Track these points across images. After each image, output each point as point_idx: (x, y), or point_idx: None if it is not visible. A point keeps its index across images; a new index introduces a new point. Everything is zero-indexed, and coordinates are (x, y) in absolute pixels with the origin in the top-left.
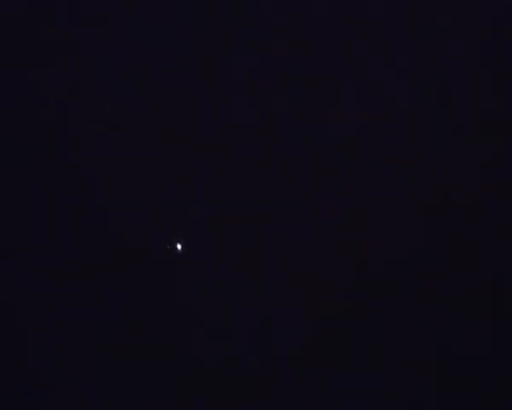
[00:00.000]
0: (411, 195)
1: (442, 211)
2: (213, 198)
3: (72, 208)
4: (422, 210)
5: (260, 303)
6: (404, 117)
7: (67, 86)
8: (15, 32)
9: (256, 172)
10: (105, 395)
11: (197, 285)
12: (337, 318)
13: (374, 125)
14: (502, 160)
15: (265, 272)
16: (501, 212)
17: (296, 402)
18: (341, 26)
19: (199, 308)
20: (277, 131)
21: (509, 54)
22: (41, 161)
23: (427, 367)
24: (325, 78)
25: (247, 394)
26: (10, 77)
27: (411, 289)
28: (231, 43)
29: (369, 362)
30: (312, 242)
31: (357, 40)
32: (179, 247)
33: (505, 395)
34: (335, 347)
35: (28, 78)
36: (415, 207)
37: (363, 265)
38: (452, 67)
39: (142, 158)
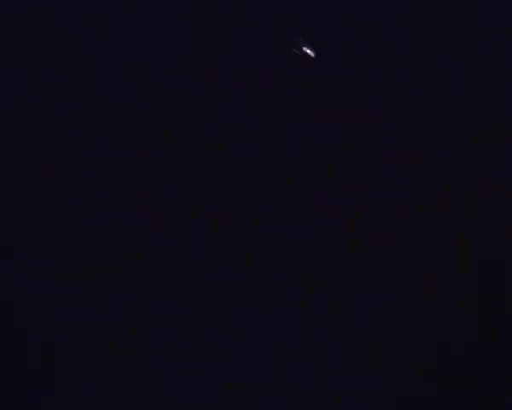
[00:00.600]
0: (411, 195)
1: (442, 211)
2: (213, 198)
3: (72, 208)
4: (422, 210)
5: (260, 303)
6: (404, 117)
7: (67, 86)
8: (15, 32)
9: (256, 172)
10: (105, 395)
11: (197, 285)
12: (337, 317)
13: (374, 125)
14: (502, 160)
15: (265, 271)
16: (501, 212)
17: (296, 402)
18: (341, 26)
19: (199, 308)
20: (277, 131)
21: (509, 54)
22: (41, 161)
23: (427, 367)
24: (325, 78)
25: (246, 393)
26: (10, 77)
27: (411, 289)
28: (231, 43)
29: (369, 362)
30: (312, 242)
31: (357, 40)
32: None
33: (505, 395)
34: (336, 346)
35: (28, 78)
36: (415, 207)
37: (363, 265)
38: (452, 67)
39: (142, 158)
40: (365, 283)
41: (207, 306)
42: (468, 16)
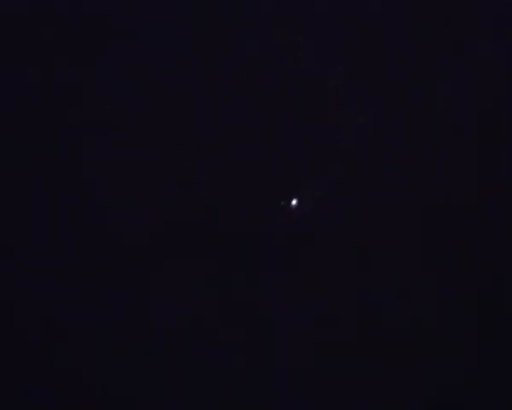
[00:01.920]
0: (411, 195)
1: (442, 211)
2: (213, 198)
3: (72, 208)
4: (422, 210)
5: (260, 303)
6: (404, 117)
7: (67, 86)
8: (15, 32)
9: (256, 172)
10: (105, 395)
11: (197, 285)
12: (337, 317)
13: (374, 125)
14: (502, 160)
15: (266, 271)
16: (501, 212)
17: (296, 401)
18: (341, 26)
19: (199, 309)
20: (277, 131)
21: (509, 54)
22: (41, 161)
23: (426, 367)
24: (325, 78)
25: (247, 393)
26: (10, 77)
27: (411, 289)
28: (231, 43)
29: (369, 362)
30: (312, 242)
31: (357, 40)
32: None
33: (505, 395)
34: (336, 346)
35: (28, 78)
36: (415, 207)
37: (363, 264)
38: (452, 67)
39: (142, 158)
40: (365, 283)
41: (207, 306)
42: (468, 16)
